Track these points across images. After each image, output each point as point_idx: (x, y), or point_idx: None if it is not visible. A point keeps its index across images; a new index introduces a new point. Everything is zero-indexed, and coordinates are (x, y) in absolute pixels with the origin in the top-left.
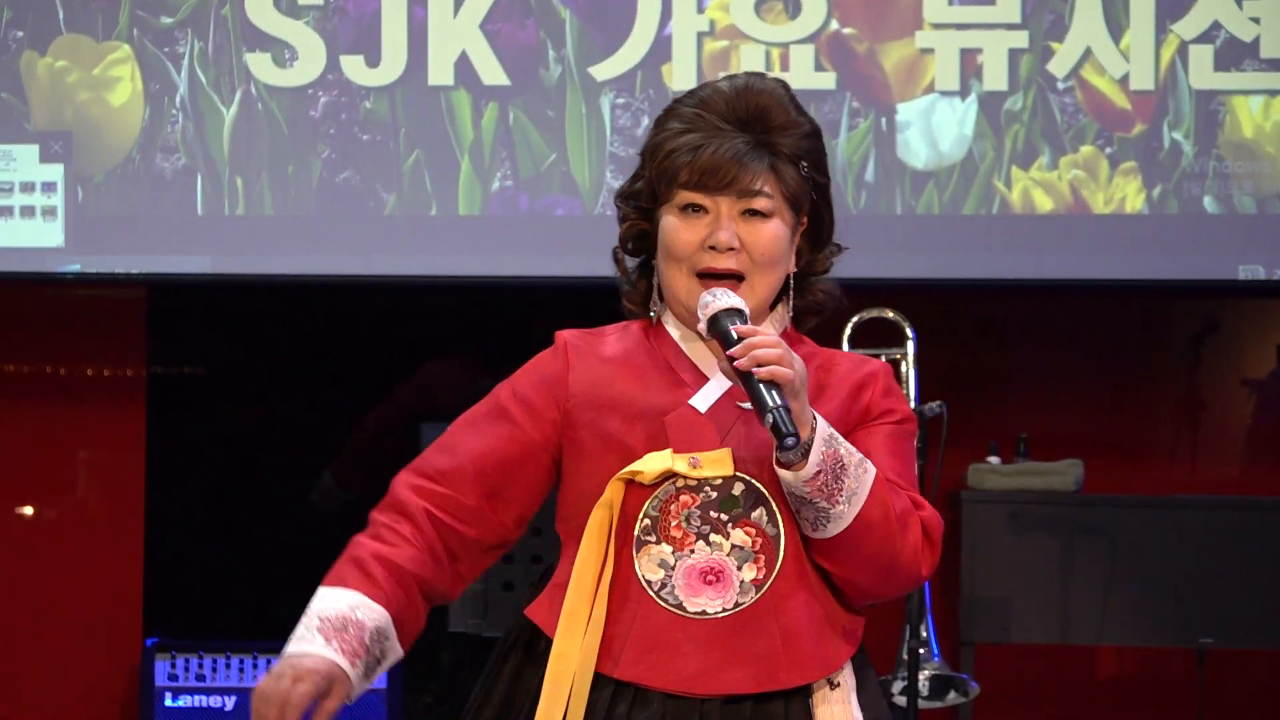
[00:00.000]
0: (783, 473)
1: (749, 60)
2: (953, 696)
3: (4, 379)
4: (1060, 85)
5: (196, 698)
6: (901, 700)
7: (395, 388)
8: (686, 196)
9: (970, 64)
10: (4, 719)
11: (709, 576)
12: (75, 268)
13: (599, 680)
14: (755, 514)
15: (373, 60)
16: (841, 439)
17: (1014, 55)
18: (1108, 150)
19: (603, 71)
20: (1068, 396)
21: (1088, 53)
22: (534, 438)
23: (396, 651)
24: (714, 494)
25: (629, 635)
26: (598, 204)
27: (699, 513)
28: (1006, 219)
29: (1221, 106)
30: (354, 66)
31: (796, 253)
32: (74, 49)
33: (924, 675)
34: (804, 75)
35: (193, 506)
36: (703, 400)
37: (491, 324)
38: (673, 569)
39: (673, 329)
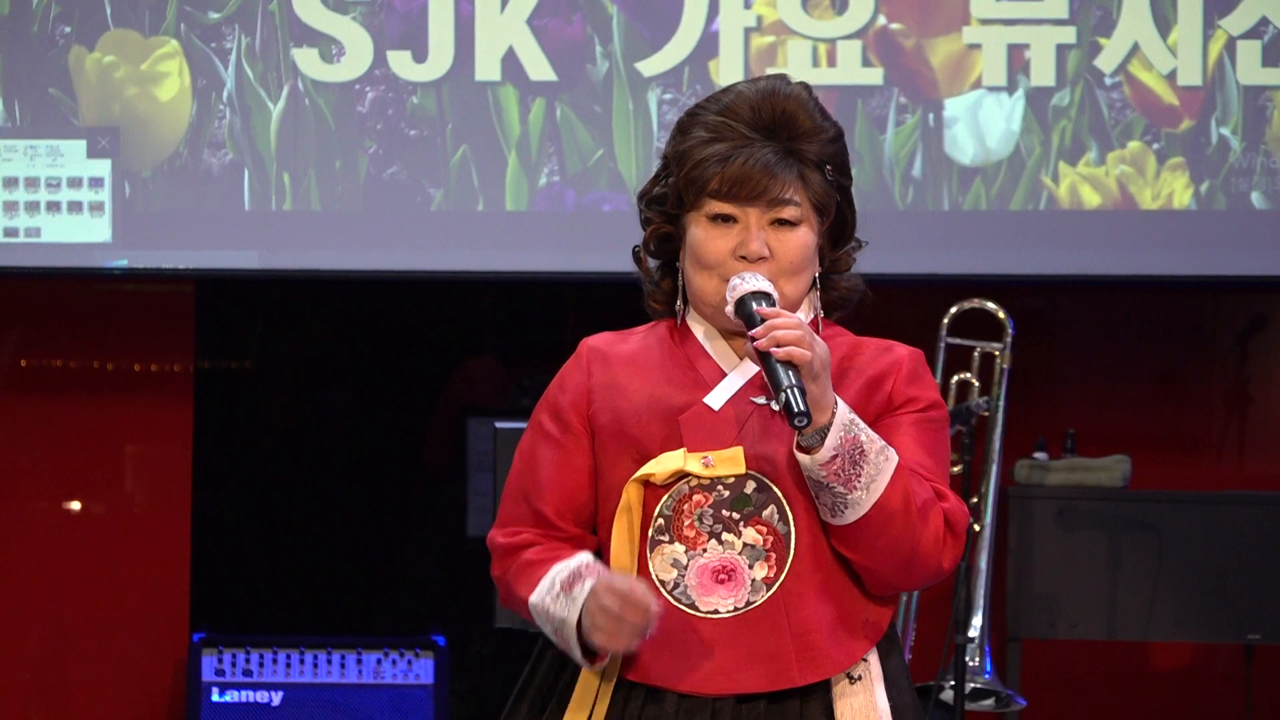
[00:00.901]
0: (801, 456)
1: (796, 56)
2: (989, 704)
3: (52, 374)
4: (1108, 81)
5: (243, 693)
6: (947, 696)
7: (440, 389)
8: (716, 207)
9: (1018, 60)
10: (51, 713)
11: (721, 575)
12: (123, 263)
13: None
14: (766, 512)
15: (420, 55)
16: (863, 425)
17: (1061, 51)
18: (1155, 146)
19: (650, 67)
20: (1115, 392)
21: (1135, 48)
22: (580, 453)
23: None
24: (726, 492)
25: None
26: None
27: (711, 511)
28: (1054, 215)
29: (1269, 102)
30: (401, 62)
31: (819, 251)
32: (121, 44)
33: (971, 686)
34: (851, 71)
35: (240, 501)
36: (717, 398)
37: (537, 320)
38: (685, 568)
39: (698, 329)
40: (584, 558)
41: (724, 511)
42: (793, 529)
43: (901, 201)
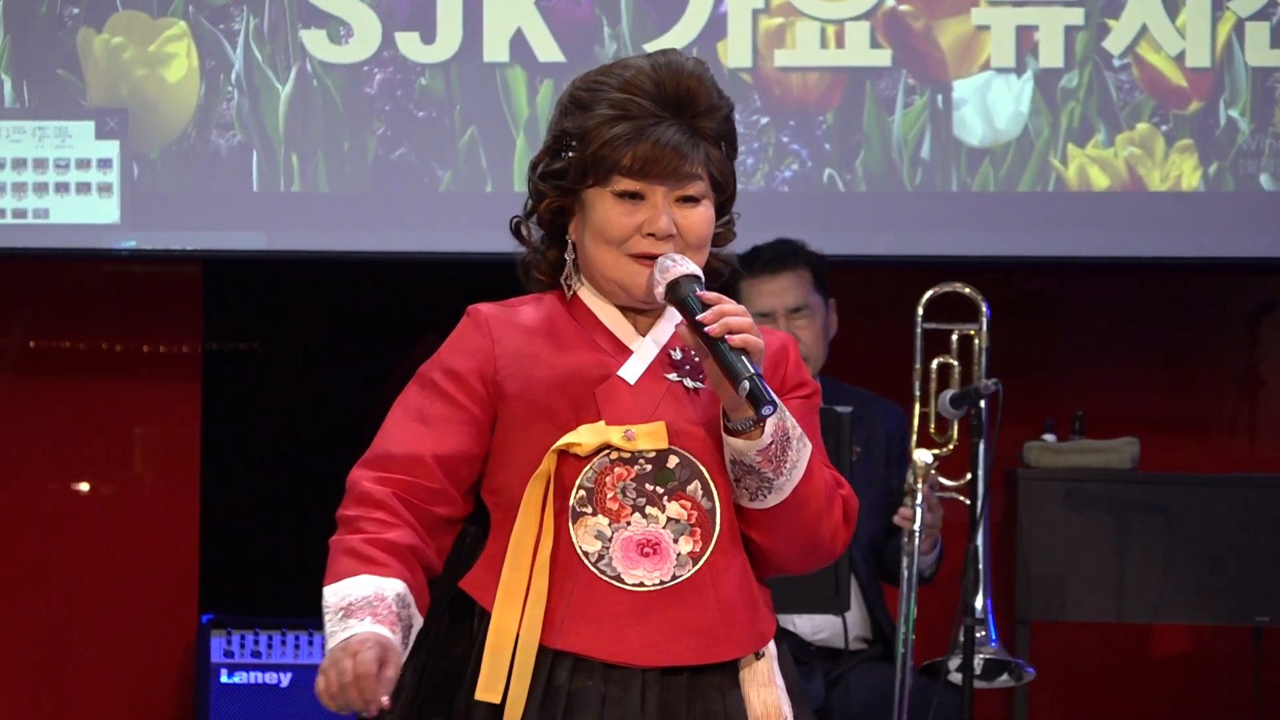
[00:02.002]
0: (735, 441)
1: (804, 37)
2: (1004, 679)
3: (60, 355)
4: (1116, 62)
5: (252, 674)
6: (957, 678)
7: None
8: (625, 184)
9: (1026, 41)
10: (60, 696)
11: (645, 549)
12: (131, 244)
13: (540, 650)
14: (690, 487)
15: (428, 37)
16: (786, 411)
17: (1070, 32)
18: (1164, 128)
19: (658, 48)
20: (1124, 374)
21: (1144, 30)
22: (472, 412)
23: (418, 619)
24: (648, 466)
25: (568, 607)
26: None
27: (634, 485)
28: (1062, 196)
29: (1278, 84)
30: (409, 43)
31: None
32: (130, 26)
33: (980, 658)
34: (859, 52)
35: (248, 482)
36: (631, 372)
37: None
38: (610, 540)
39: (591, 301)
40: (386, 589)
41: (647, 485)
42: (717, 504)
43: (910, 183)
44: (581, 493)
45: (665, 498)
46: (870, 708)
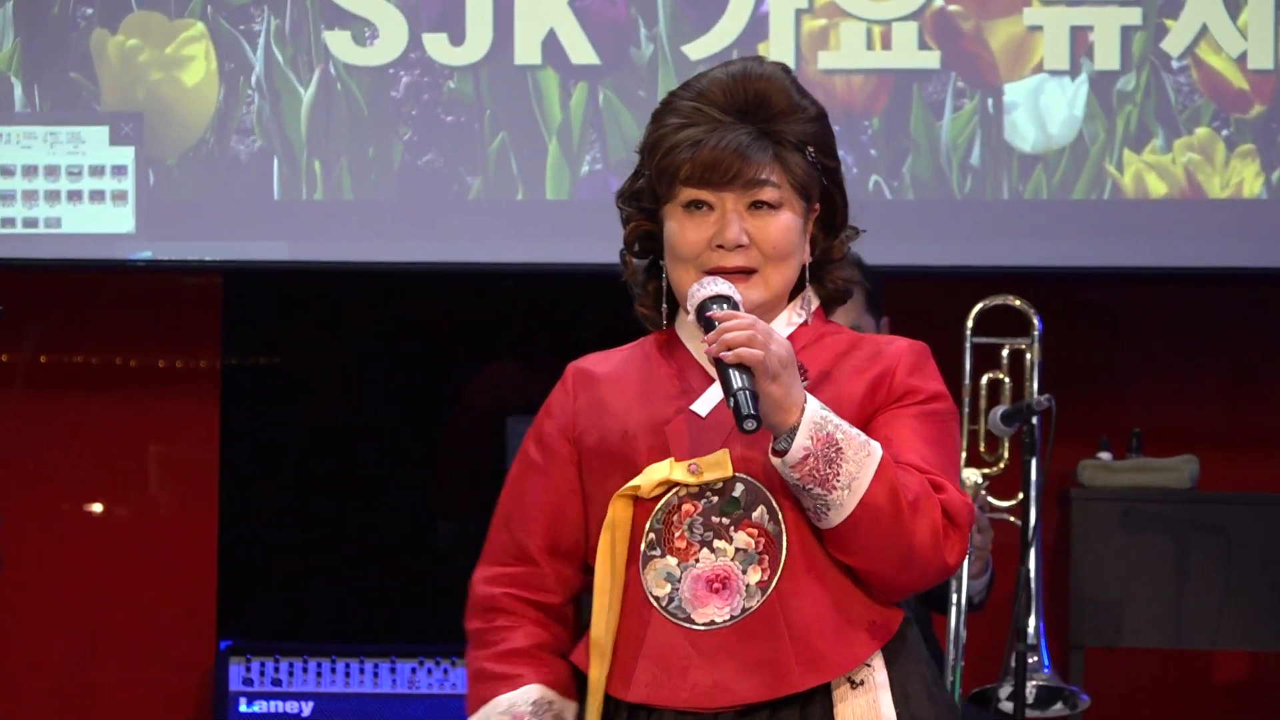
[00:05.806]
0: (775, 460)
1: (849, 38)
2: (1058, 708)
3: (73, 370)
4: (1175, 64)
5: (272, 703)
6: (1008, 706)
7: (462, 393)
8: (690, 194)
9: (1081, 42)
10: None
11: (715, 584)
12: (147, 254)
13: (614, 704)
14: (756, 513)
15: (456, 38)
16: (838, 421)
17: (1126, 33)
18: (1224, 132)
19: (697, 50)
20: (1182, 389)
21: (1203, 30)
22: (566, 479)
23: (569, 706)
24: (715, 498)
25: (639, 656)
26: None
27: (701, 520)
28: (1118, 204)
29: None
30: (437, 45)
31: (811, 240)
32: (145, 27)
33: (1033, 685)
34: (907, 54)
35: (268, 503)
36: (704, 404)
37: (580, 312)
38: (679, 581)
39: (686, 333)
40: (520, 700)
41: (714, 518)
42: (783, 527)
43: (959, 190)
44: (651, 535)
45: (732, 528)
46: None
